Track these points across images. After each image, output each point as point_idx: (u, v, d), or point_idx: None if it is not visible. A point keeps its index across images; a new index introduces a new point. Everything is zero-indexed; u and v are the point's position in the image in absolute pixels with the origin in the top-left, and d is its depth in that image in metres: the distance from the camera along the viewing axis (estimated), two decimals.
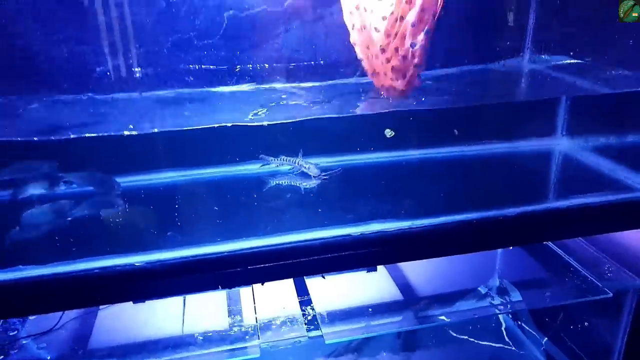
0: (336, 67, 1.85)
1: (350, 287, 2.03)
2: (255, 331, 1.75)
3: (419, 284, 2.08)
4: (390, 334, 2.27)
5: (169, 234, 1.58)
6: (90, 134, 1.48)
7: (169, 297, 1.82)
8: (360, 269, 2.05)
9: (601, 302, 1.93)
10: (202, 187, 1.93)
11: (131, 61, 1.64)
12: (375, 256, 1.58)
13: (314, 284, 2.02)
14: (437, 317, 1.86)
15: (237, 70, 1.76)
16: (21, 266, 1.36)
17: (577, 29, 2.01)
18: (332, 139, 1.94)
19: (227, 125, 1.56)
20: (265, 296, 1.95)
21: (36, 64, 1.60)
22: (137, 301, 1.89)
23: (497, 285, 2.07)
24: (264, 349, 1.69)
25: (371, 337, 2.23)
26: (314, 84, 1.86)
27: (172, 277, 1.41)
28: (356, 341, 2.23)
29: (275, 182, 1.82)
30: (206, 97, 1.76)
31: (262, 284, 1.57)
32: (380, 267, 2.13)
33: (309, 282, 2.03)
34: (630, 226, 1.78)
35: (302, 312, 1.85)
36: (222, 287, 1.46)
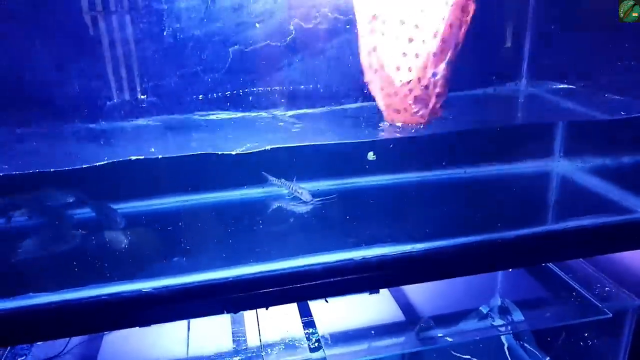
0: (337, 97, 1.91)
1: (352, 309, 2.04)
2: (259, 353, 1.76)
3: (421, 304, 2.09)
4: (393, 355, 2.27)
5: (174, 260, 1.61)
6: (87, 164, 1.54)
7: (175, 321, 1.84)
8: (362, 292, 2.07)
9: (601, 322, 1.94)
10: (205, 212, 1.96)
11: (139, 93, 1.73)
12: (377, 280, 1.60)
13: (316, 305, 2.03)
14: (440, 338, 1.86)
15: (241, 98, 1.83)
16: (32, 293, 1.39)
17: (571, 56, 2.05)
18: (334, 163, 1.98)
19: (231, 153, 1.61)
20: (268, 318, 1.96)
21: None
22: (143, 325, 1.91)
23: (499, 304, 2.08)
24: None
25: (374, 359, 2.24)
26: (314, 111, 1.91)
27: (178, 302, 1.43)
28: None
29: (277, 204, 1.86)
30: (216, 125, 1.82)
31: (266, 309, 1.59)
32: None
33: (311, 303, 2.04)
34: (628, 247, 1.81)
35: (306, 334, 1.86)
36: (227, 312, 1.48)
